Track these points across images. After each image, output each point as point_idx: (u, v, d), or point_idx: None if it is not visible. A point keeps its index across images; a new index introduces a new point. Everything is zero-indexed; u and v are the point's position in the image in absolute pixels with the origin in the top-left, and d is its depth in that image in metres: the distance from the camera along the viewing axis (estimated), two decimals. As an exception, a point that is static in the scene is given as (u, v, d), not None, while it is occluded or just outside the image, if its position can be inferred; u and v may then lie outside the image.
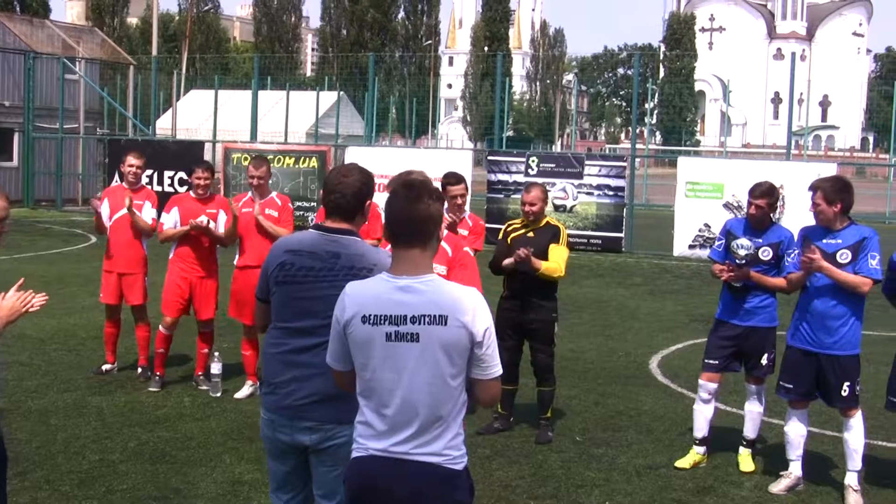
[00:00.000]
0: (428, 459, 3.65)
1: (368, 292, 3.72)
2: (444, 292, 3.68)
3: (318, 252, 4.49)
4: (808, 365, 7.08)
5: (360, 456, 3.75)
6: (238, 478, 7.04)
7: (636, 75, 28.89)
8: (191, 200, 9.55)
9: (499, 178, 24.27)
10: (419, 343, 3.63)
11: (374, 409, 3.71)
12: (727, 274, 7.45)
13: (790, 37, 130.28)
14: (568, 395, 9.67)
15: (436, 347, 3.62)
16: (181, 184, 25.89)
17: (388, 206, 3.78)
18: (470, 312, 3.63)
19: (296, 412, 4.46)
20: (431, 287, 3.68)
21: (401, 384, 3.65)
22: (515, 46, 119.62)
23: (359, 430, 3.79)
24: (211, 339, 9.78)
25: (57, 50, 34.15)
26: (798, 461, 7.26)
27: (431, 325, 3.62)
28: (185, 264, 9.56)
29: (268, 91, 42.48)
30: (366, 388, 3.74)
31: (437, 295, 3.66)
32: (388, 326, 3.64)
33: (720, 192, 21.89)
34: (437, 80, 69.61)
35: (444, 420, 3.67)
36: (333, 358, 3.86)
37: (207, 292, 9.62)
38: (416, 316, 3.63)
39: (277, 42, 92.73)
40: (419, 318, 3.63)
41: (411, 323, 3.63)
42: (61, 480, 6.90)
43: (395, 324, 3.63)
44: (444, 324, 3.61)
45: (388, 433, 3.68)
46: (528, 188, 8.42)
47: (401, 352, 3.65)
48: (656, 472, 7.55)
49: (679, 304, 16.01)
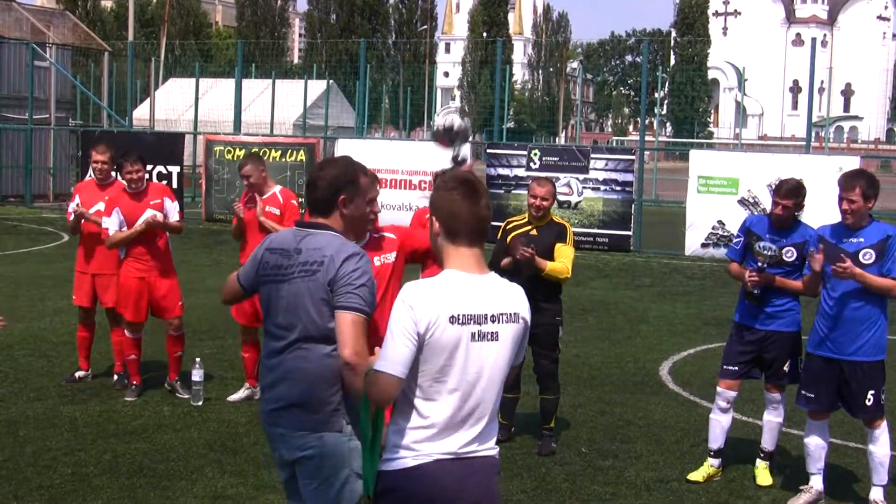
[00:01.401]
0: (489, 454, 3.91)
1: (446, 291, 3.80)
2: (511, 289, 3.95)
3: (287, 249, 4.61)
4: (829, 373, 7.07)
5: (422, 463, 3.81)
6: (221, 492, 7.04)
7: (645, 63, 28.86)
8: (127, 198, 9.38)
9: (499, 173, 24.26)
10: (498, 342, 3.85)
11: (441, 411, 3.80)
12: (754, 280, 7.44)
13: (810, 21, 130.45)
14: (572, 403, 9.67)
15: (509, 345, 3.89)
16: (160, 178, 25.87)
17: (448, 205, 3.90)
18: (527, 307, 3.96)
19: (268, 418, 4.66)
20: (500, 285, 3.92)
21: (478, 384, 3.83)
22: (516, 32, 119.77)
23: (413, 435, 3.83)
24: (182, 340, 9.74)
25: (25, 35, 34.12)
26: (819, 475, 7.26)
27: (508, 324, 3.87)
28: (140, 264, 9.40)
29: (252, 79, 42.51)
30: (433, 391, 3.81)
31: (506, 292, 3.92)
32: (472, 326, 3.80)
33: (735, 187, 21.89)
34: (433, 68, 69.71)
35: (496, 412, 3.96)
36: (401, 365, 3.75)
37: (170, 290, 9.54)
38: (494, 315, 3.84)
39: (262, 27, 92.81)
40: (498, 317, 3.85)
41: (491, 322, 3.83)
42: (31, 496, 6.89)
43: (477, 323, 3.81)
44: (517, 321, 3.90)
45: (456, 435, 3.83)
46: (540, 181, 8.42)
47: (482, 352, 3.82)
48: (667, 486, 7.55)
49: (691, 307, 16.02)
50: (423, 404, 3.81)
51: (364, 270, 4.48)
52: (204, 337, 10.09)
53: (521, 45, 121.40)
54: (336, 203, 4.63)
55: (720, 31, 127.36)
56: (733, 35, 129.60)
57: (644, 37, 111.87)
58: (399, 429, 3.83)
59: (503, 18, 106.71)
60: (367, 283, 4.46)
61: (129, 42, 36.04)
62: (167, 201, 9.48)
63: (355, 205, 4.67)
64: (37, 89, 31.64)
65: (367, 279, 4.47)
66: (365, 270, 4.48)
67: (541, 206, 8.23)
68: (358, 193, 4.68)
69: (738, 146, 52.64)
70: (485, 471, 3.88)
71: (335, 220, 4.64)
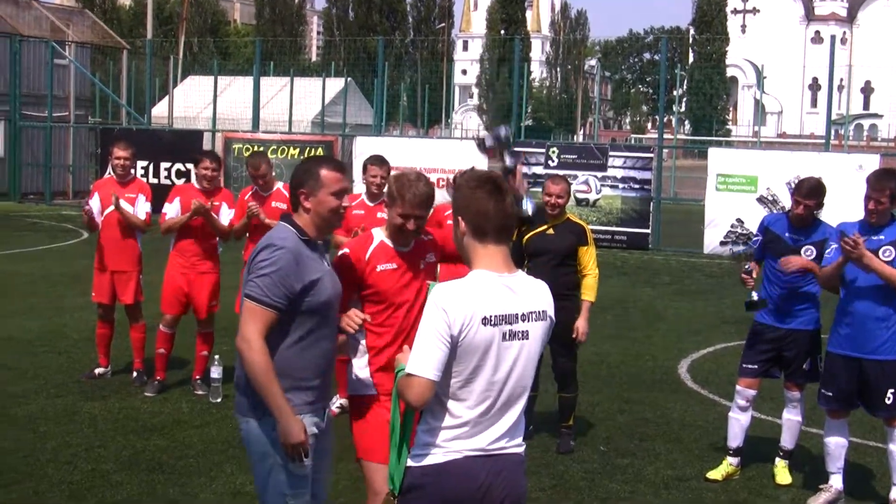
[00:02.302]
0: (517, 450, 3.95)
1: (478, 292, 3.79)
2: (538, 287, 3.99)
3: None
4: (849, 372, 7.04)
5: (452, 459, 3.83)
6: (239, 488, 7.06)
7: (663, 60, 28.77)
8: (195, 192, 9.60)
9: (517, 171, 24.19)
10: (528, 340, 3.88)
11: (472, 409, 3.82)
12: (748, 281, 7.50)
13: (829, 19, 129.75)
14: (591, 401, 9.66)
15: (538, 343, 3.94)
16: (178, 175, 25.95)
17: (475, 203, 3.89)
18: (552, 305, 4.00)
19: None
20: (528, 283, 3.96)
21: (508, 382, 3.85)
22: (534, 30, 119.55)
23: (443, 434, 3.84)
24: (211, 340, 9.82)
25: (45, 33, 34.27)
26: (839, 474, 7.23)
27: (537, 322, 3.91)
28: (184, 259, 9.63)
29: (270, 77, 42.50)
30: (464, 391, 3.82)
31: (533, 291, 3.95)
32: (504, 326, 3.81)
33: (754, 185, 21.84)
34: (451, 66, 69.68)
35: (524, 409, 3.99)
36: (435, 368, 3.74)
37: (207, 289, 9.65)
38: (525, 314, 3.87)
39: (280, 25, 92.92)
40: (528, 316, 3.87)
41: (521, 321, 3.85)
42: (51, 492, 6.92)
43: (508, 323, 3.82)
44: (545, 319, 3.94)
45: (487, 432, 3.85)
46: (554, 179, 8.41)
47: (512, 351, 3.85)
48: (686, 485, 7.54)
49: (710, 305, 15.98)
50: (455, 404, 3.82)
51: (272, 261, 4.47)
52: (223, 333, 10.10)
53: (538, 42, 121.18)
54: (298, 198, 4.69)
55: (739, 28, 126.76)
56: (752, 32, 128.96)
57: (662, 34, 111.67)
58: (430, 427, 3.85)
59: (521, 16, 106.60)
60: (269, 274, 4.45)
61: (148, 40, 36.16)
62: (225, 206, 9.64)
63: (318, 198, 4.67)
64: (56, 87, 31.79)
65: (271, 270, 4.46)
66: (273, 261, 4.47)
67: (556, 204, 8.22)
68: (319, 187, 4.67)
69: (756, 144, 52.43)
70: (513, 467, 3.91)
71: (300, 215, 4.69)
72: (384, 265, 5.13)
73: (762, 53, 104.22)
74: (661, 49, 30.55)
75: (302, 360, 4.59)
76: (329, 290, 4.65)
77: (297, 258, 4.51)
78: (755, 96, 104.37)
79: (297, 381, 4.57)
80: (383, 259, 5.14)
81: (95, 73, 38.11)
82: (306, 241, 4.62)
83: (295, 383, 4.56)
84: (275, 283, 4.44)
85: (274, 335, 4.50)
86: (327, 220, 4.69)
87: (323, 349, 4.68)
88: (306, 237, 4.63)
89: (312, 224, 4.67)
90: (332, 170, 4.72)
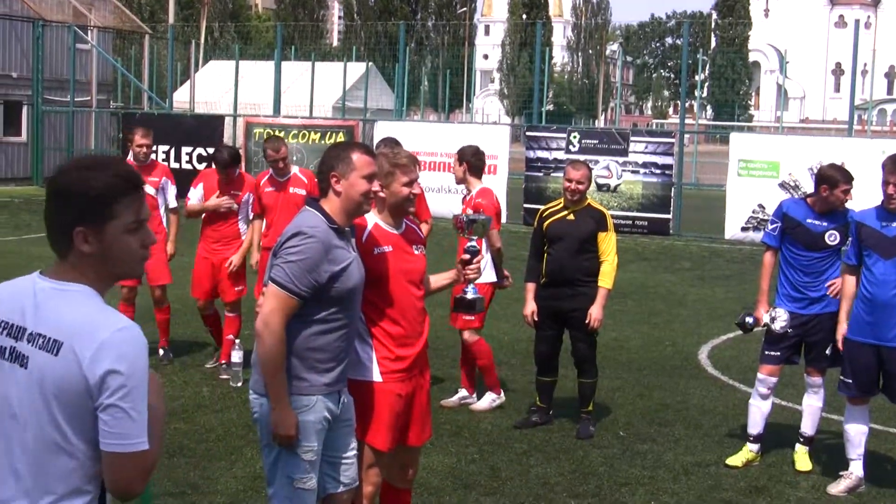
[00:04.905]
0: None
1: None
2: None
3: None
4: (869, 359, 7.02)
5: None
6: (259, 473, 7.06)
7: (685, 45, 28.67)
8: (215, 178, 9.70)
9: (538, 156, 24.20)
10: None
11: None
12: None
13: (854, 2, 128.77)
14: (610, 387, 9.65)
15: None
16: (200, 160, 25.99)
17: None
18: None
19: None
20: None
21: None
22: (556, 14, 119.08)
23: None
24: (237, 324, 9.87)
25: (67, 18, 34.35)
26: (859, 461, 7.21)
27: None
28: (208, 244, 9.80)
29: (291, 62, 42.59)
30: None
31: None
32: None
33: (776, 170, 21.72)
34: (472, 51, 69.27)
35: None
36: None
37: (231, 274, 9.71)
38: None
39: (301, 9, 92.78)
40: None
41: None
42: (73, 474, 6.95)
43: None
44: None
45: None
46: (575, 165, 8.36)
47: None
48: (705, 471, 7.52)
49: (730, 291, 15.93)
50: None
51: (302, 250, 4.48)
52: (244, 318, 10.14)
53: (560, 27, 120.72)
54: (329, 182, 4.69)
55: (762, 12, 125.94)
56: (775, 17, 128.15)
57: (684, 19, 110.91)
58: None
59: (543, 1, 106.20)
60: (297, 262, 4.47)
61: (170, 25, 36.27)
62: (248, 196, 9.76)
63: (349, 181, 4.67)
64: (78, 72, 31.87)
65: (300, 258, 4.47)
66: (302, 250, 4.48)
67: (576, 190, 8.18)
68: (351, 170, 4.68)
69: (779, 129, 52.15)
70: None
71: (329, 200, 4.69)
72: (381, 248, 5.10)
73: (785, 38, 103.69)
74: (683, 34, 30.44)
75: (322, 342, 4.60)
76: (356, 276, 4.67)
77: (326, 248, 4.53)
78: (778, 81, 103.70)
79: (314, 363, 4.59)
80: (381, 242, 5.11)
81: (117, 57, 38.22)
82: (335, 228, 4.63)
83: (313, 364, 4.58)
84: (302, 271, 4.46)
85: (296, 318, 4.53)
86: (358, 203, 4.69)
87: (344, 333, 4.68)
88: (335, 225, 4.63)
89: (341, 208, 4.67)
90: (364, 153, 4.73)
